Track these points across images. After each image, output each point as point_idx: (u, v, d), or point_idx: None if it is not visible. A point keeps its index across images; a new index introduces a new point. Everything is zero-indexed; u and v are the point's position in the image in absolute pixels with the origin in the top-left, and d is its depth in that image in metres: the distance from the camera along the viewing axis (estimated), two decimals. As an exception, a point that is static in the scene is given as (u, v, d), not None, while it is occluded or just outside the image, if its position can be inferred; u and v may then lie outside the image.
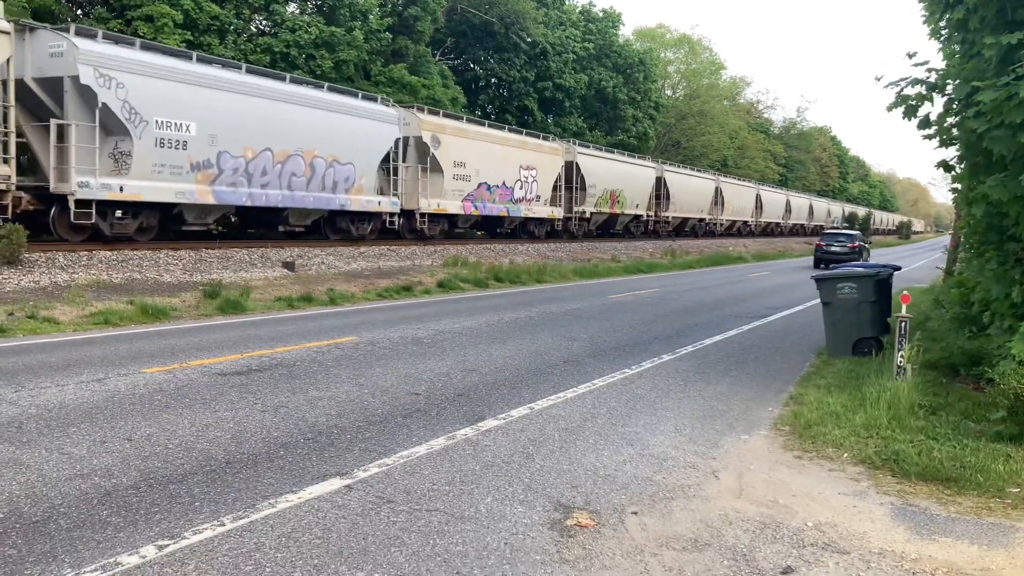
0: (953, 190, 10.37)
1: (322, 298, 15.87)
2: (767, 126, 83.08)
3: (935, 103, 8.29)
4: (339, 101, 21.63)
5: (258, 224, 21.95)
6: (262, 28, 31.13)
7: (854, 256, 31.78)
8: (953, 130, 8.53)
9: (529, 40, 42.36)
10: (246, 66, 19.68)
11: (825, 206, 77.97)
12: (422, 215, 24.91)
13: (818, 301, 11.28)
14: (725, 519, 4.86)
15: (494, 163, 28.28)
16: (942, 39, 9.08)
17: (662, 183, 42.27)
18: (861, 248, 34.35)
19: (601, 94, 48.72)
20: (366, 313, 14.41)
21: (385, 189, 23.66)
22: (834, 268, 11.59)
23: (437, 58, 40.27)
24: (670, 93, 66.23)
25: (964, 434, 6.55)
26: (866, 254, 35.09)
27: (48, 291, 13.24)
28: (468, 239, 29.05)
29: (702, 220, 48.62)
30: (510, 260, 25.61)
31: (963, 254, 13.54)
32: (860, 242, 35.05)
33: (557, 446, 6.24)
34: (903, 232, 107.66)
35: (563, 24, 46.33)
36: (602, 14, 50.85)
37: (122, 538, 4.23)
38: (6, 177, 14.46)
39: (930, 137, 8.54)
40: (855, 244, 33.82)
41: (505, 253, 27.10)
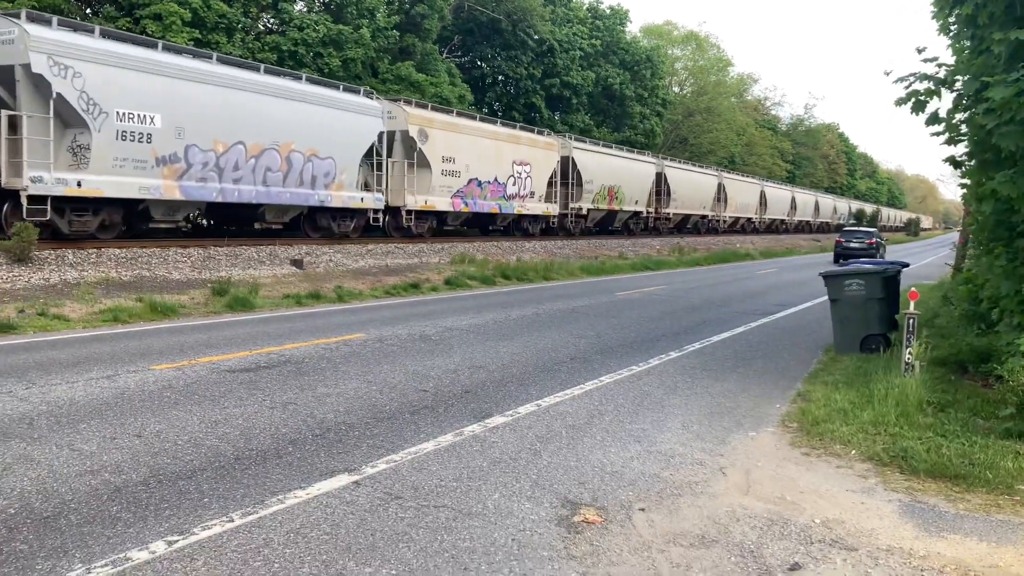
0: (963, 185, 10.33)
1: (330, 295, 15.91)
2: (774, 123, 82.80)
3: (944, 99, 8.27)
4: (318, 93, 20.69)
5: (232, 221, 21.24)
6: (270, 26, 31.19)
7: (872, 252, 33.76)
8: (962, 126, 8.50)
9: (536, 37, 42.32)
10: (217, 56, 18.80)
11: (831, 203, 77.04)
12: (408, 212, 24.10)
13: (826, 298, 11.26)
14: (732, 516, 4.86)
15: (485, 158, 27.36)
16: (951, 35, 9.04)
17: (662, 179, 41.22)
18: (878, 244, 36.24)
19: (608, 91, 48.65)
20: (374, 310, 14.44)
21: (371, 185, 22.86)
22: (843, 265, 11.56)
23: (444, 56, 40.29)
24: (677, 90, 66.07)
25: (973, 431, 6.54)
26: (883, 250, 36.77)
27: (58, 288, 13.31)
28: (475, 237, 28.93)
29: (704, 217, 47.74)
30: (517, 257, 25.61)
31: (972, 251, 13.48)
32: (877, 239, 36.86)
33: (564, 443, 6.25)
34: (911, 229, 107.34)
35: (570, 21, 46.26)
36: (609, 11, 50.76)
37: (132, 533, 4.26)
38: None
39: (938, 134, 8.51)
40: (872, 240, 35.86)
41: (512, 251, 27.09)
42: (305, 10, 31.95)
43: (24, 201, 14.48)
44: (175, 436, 6.02)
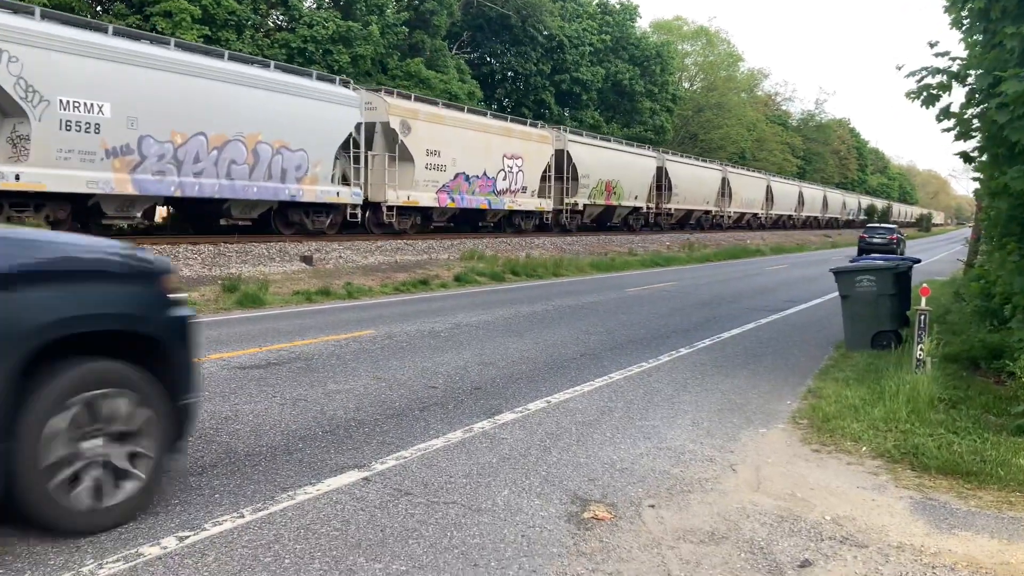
0: (976, 179, 10.28)
1: (340, 292, 15.94)
2: (785, 118, 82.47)
3: (956, 93, 8.22)
4: (288, 81, 19.61)
5: (196, 218, 20.26)
6: (279, 23, 31.26)
7: (893, 247, 36.73)
8: (974, 121, 8.44)
9: (546, 33, 42.27)
10: (175, 41, 17.75)
11: (840, 198, 75.95)
12: (390, 208, 23.17)
13: (836, 294, 11.22)
14: (742, 512, 4.86)
15: (474, 152, 26.29)
16: (963, 29, 8.98)
17: (663, 173, 40.19)
18: (899, 240, 39.27)
19: (618, 87, 48.57)
20: (384, 307, 14.47)
21: (350, 179, 21.96)
22: (855, 260, 11.51)
23: (453, 52, 40.28)
24: (687, 86, 65.90)
25: (985, 428, 6.51)
26: (902, 245, 39.66)
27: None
28: (484, 233, 28.85)
29: (708, 212, 46.67)
30: (527, 254, 25.60)
31: (984, 246, 13.41)
32: (898, 234, 40.00)
33: (574, 439, 6.25)
34: (923, 225, 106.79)
35: (579, 17, 46.19)
36: (619, 6, 50.66)
37: (143, 529, 4.28)
38: None
39: (950, 129, 8.47)
40: (894, 236, 38.81)
41: (522, 247, 27.08)
42: (314, 7, 32.01)
43: None
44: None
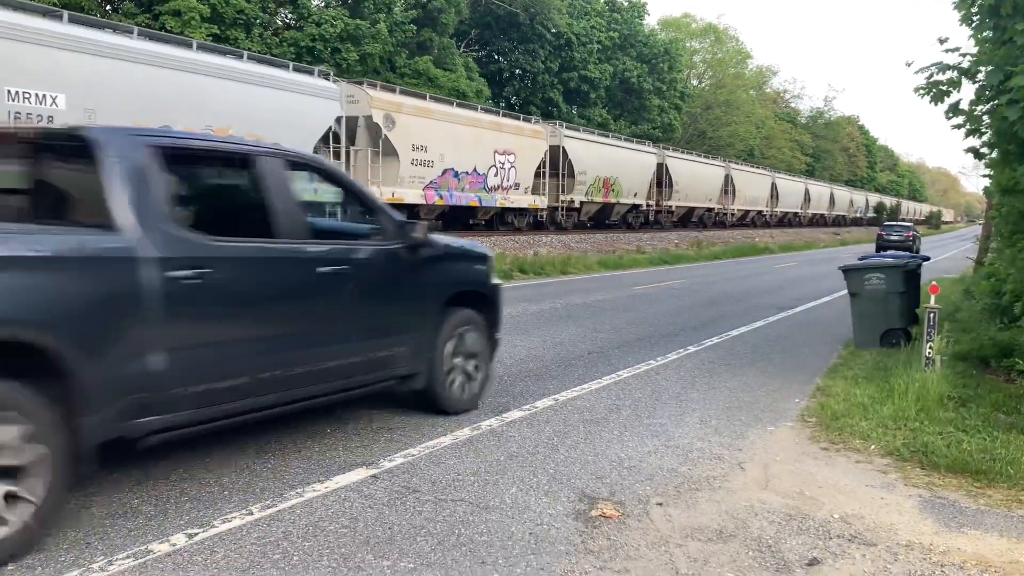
0: (987, 175, 10.23)
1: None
2: (794, 116, 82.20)
3: (966, 90, 8.17)
4: (262, 72, 18.51)
5: None
6: (288, 22, 31.32)
7: (909, 243, 38.56)
8: (984, 118, 8.40)
9: (554, 31, 42.22)
10: (139, 30, 16.66)
11: (847, 195, 74.64)
12: None
13: (845, 292, 11.18)
14: (751, 510, 4.85)
15: (463, 147, 25.09)
16: (973, 25, 8.93)
17: (664, 170, 38.73)
18: (915, 237, 41.18)
19: (626, 84, 48.45)
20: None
21: None
22: (865, 258, 11.47)
23: (461, 50, 40.27)
24: (696, 83, 65.72)
25: (994, 426, 6.48)
26: (918, 242, 41.22)
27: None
28: (491, 232, 28.70)
29: (711, 210, 45.43)
30: (534, 252, 25.60)
31: (994, 244, 13.35)
32: (914, 232, 42.20)
33: (582, 437, 6.25)
34: (933, 222, 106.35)
35: (587, 14, 46.09)
36: (627, 3, 50.53)
37: (153, 526, 4.30)
38: None
39: (960, 126, 8.42)
40: (910, 233, 40.96)
41: (529, 245, 27.06)
42: (323, 5, 32.06)
43: None
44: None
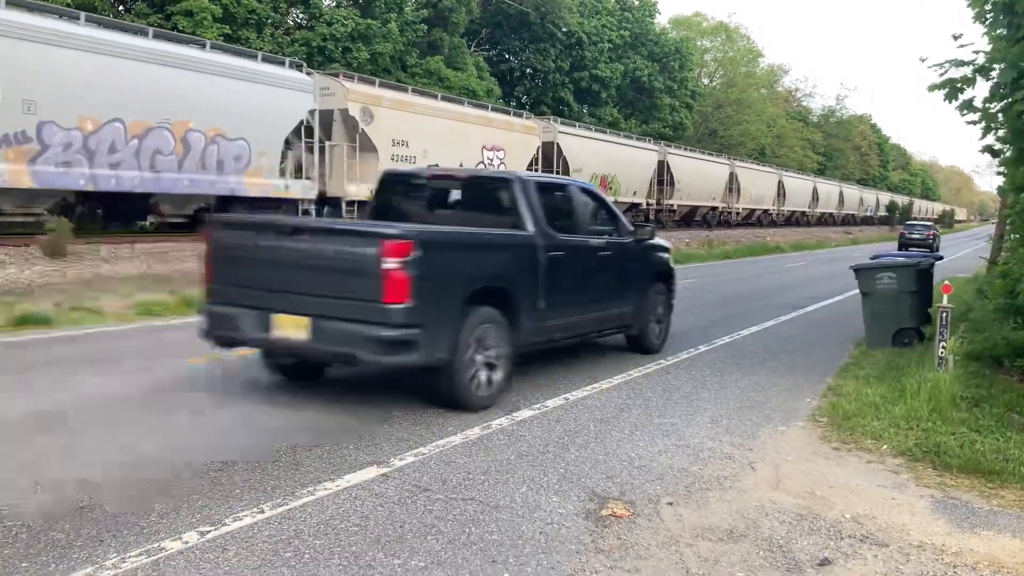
0: (1001, 173, 10.15)
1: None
2: (805, 114, 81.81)
3: (981, 87, 8.12)
4: (225, 62, 17.52)
5: (120, 215, 17.70)
6: (299, 21, 31.40)
7: (929, 241, 41.15)
8: (998, 115, 8.35)
9: (564, 30, 42.16)
10: (85, 15, 15.54)
11: (857, 194, 73.46)
12: (349, 203, 20.85)
13: (857, 291, 11.13)
14: (761, 510, 4.84)
15: (448, 142, 24.03)
16: (987, 22, 8.88)
17: (665, 167, 37.71)
18: (935, 236, 43.61)
19: (637, 83, 48.34)
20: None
21: (311, 172, 19.98)
22: (877, 258, 11.42)
23: (472, 50, 40.27)
24: (707, 82, 65.51)
25: (1008, 426, 6.44)
26: (937, 240, 43.58)
27: (93, 283, 13.51)
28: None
29: (715, 209, 44.04)
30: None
31: (1008, 243, 13.26)
32: (934, 231, 44.76)
33: (592, 436, 6.25)
34: (946, 221, 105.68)
35: (598, 13, 46.02)
36: (638, 2, 50.42)
37: (165, 524, 4.33)
38: None
39: (974, 123, 8.38)
40: (930, 232, 43.56)
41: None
42: (334, 5, 32.13)
43: None
44: (208, 428, 6.10)
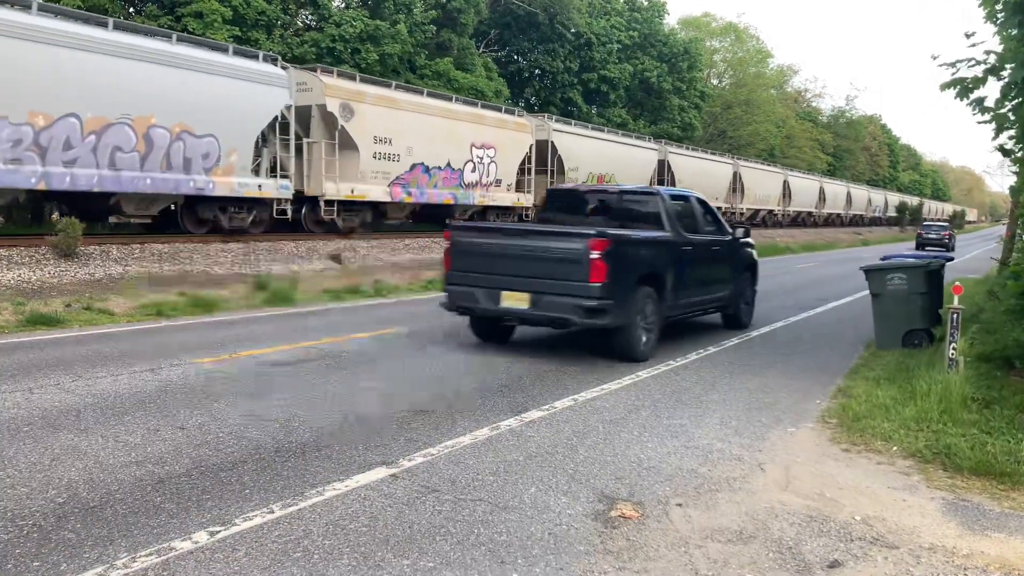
0: (1014, 172, 10.10)
1: (368, 290, 16.04)
2: (815, 115, 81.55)
3: (992, 87, 8.10)
4: (193, 55, 16.63)
5: (81, 215, 16.35)
6: (308, 23, 31.47)
7: (946, 241, 43.97)
8: (1010, 115, 8.31)
9: (573, 31, 42.15)
10: (38, 3, 14.53)
11: (865, 194, 72.73)
12: (329, 203, 20.10)
13: (867, 293, 11.09)
14: (771, 512, 4.83)
15: (435, 140, 23.23)
16: (998, 22, 8.84)
17: (666, 167, 36.82)
18: (951, 236, 46.42)
19: (645, 84, 48.26)
20: (412, 304, 14.53)
21: (287, 170, 19.15)
22: (887, 258, 11.38)
23: (481, 51, 40.30)
24: (716, 82, 65.38)
25: (1019, 428, 6.39)
26: (953, 240, 46.42)
27: (103, 283, 13.58)
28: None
29: (718, 209, 43.46)
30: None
31: (1020, 243, 13.19)
32: (950, 231, 47.50)
33: (601, 437, 6.24)
34: (956, 222, 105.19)
35: (607, 13, 45.98)
36: (647, 3, 50.34)
37: (175, 524, 4.34)
38: None
39: (986, 123, 8.35)
40: (946, 232, 46.22)
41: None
42: (343, 6, 32.19)
43: None
44: (217, 428, 6.12)
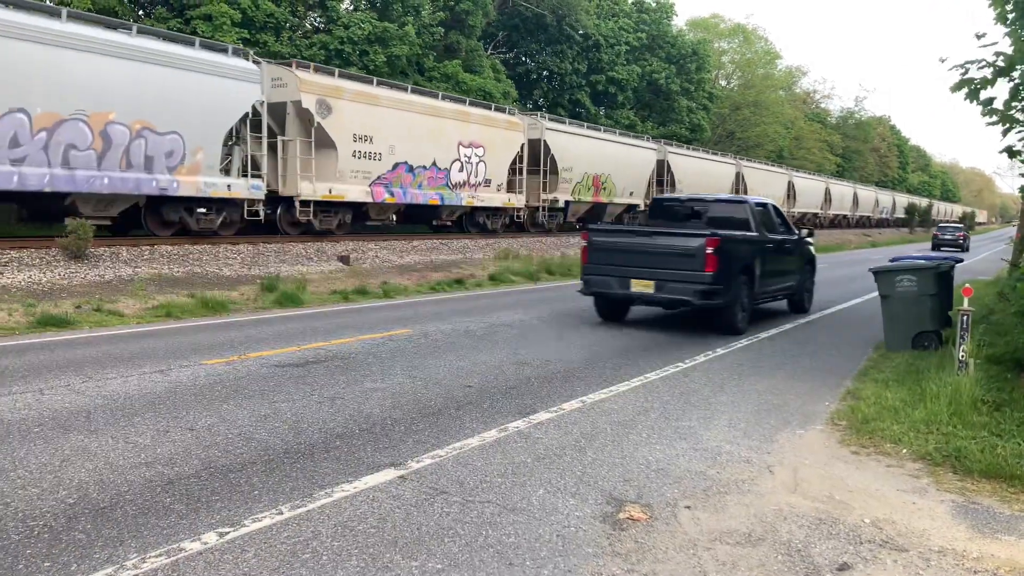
0: (1022, 175, 10.06)
1: (376, 291, 16.06)
2: (824, 116, 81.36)
3: (1002, 88, 8.08)
4: (155, 48, 15.75)
5: (33, 216, 16.51)
6: (317, 25, 31.56)
7: (960, 242, 46.52)
8: (1019, 115, 8.28)
9: (581, 32, 42.15)
10: None
11: (872, 195, 72.26)
12: (304, 203, 19.39)
13: (876, 294, 11.06)
14: (780, 514, 4.81)
15: (419, 138, 22.51)
16: (1008, 23, 8.80)
17: (665, 167, 36.16)
18: (965, 236, 48.53)
19: (653, 85, 48.24)
20: (419, 306, 14.55)
21: (260, 169, 18.41)
22: (896, 260, 11.34)
23: (489, 52, 40.34)
24: (724, 83, 65.31)
25: (1029, 431, 6.37)
26: (967, 241, 48.44)
27: (113, 285, 13.64)
28: (518, 233, 28.69)
29: None
30: (562, 253, 25.58)
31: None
32: (964, 232, 49.48)
33: (609, 439, 6.23)
34: (966, 223, 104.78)
35: (615, 15, 45.99)
36: (655, 4, 50.32)
37: (185, 525, 4.36)
38: None
39: (995, 123, 8.32)
40: (961, 233, 48.35)
41: (557, 246, 27.08)
42: (351, 8, 32.27)
43: None
44: (226, 430, 6.14)
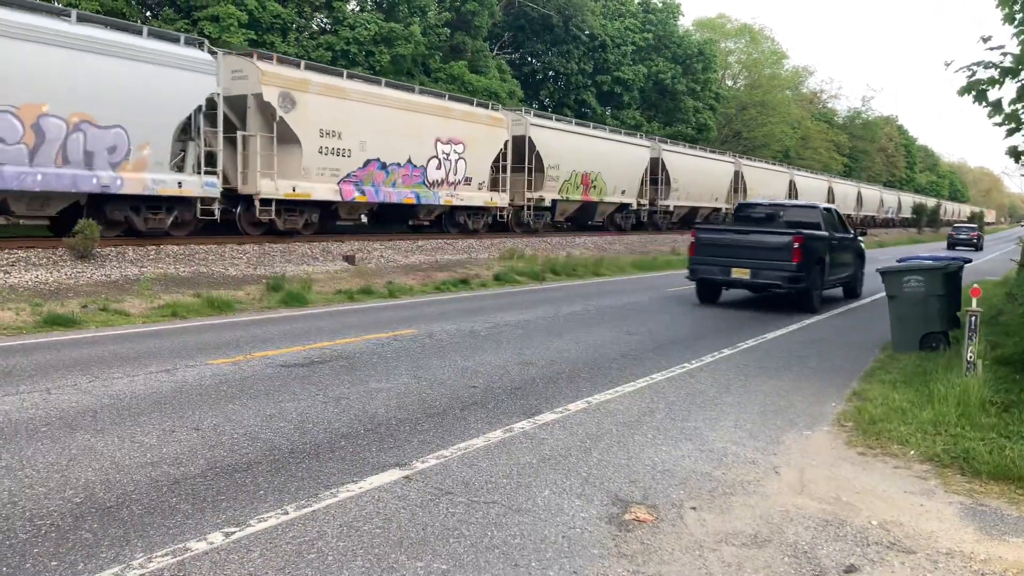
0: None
1: (381, 291, 16.07)
2: (831, 116, 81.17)
3: (1010, 88, 8.04)
4: (96, 36, 14.76)
5: None
6: (323, 26, 31.60)
7: (974, 241, 48.50)
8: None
9: (588, 33, 42.13)
10: None
11: (877, 195, 71.19)
12: (265, 202, 18.36)
13: (884, 294, 11.02)
14: (786, 516, 4.80)
15: (393, 134, 21.47)
16: (1016, 24, 8.77)
17: (660, 165, 35.07)
18: (979, 236, 50.50)
19: (660, 85, 48.19)
20: (424, 306, 14.55)
21: (215, 166, 17.35)
22: (903, 260, 11.31)
23: (495, 53, 40.35)
24: (731, 83, 65.21)
25: (1038, 432, 6.34)
26: (981, 240, 50.37)
27: (119, 284, 13.67)
28: (523, 234, 28.69)
29: (717, 211, 40.67)
30: (567, 253, 25.57)
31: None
32: (978, 232, 51.31)
33: (615, 440, 6.22)
34: (974, 223, 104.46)
35: (621, 15, 45.96)
36: (661, 4, 50.27)
37: (190, 524, 4.36)
38: None
39: (1002, 124, 8.29)
40: (975, 233, 50.28)
41: (562, 246, 27.06)
42: (357, 9, 32.30)
43: None
44: (231, 429, 6.15)
